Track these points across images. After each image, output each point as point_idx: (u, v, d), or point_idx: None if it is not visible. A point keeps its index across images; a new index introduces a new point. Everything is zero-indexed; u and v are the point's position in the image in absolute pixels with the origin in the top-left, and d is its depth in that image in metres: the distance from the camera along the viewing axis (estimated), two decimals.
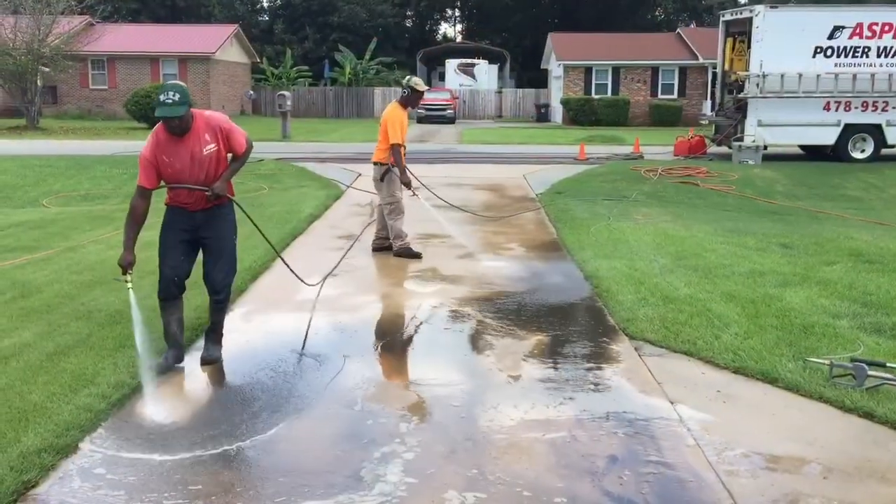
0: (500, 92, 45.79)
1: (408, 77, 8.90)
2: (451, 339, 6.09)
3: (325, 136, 28.92)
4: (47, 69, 31.38)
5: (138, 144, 5.29)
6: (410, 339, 6.20)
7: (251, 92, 44.13)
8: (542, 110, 41.54)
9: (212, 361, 5.38)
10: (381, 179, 8.70)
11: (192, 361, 5.41)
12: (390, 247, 8.81)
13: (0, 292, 6.82)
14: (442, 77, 47.80)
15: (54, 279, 7.29)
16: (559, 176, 16.05)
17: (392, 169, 8.60)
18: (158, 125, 5.08)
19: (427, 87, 8.67)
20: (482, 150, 23.40)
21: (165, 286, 5.29)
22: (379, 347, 5.81)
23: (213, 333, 5.51)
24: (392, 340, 6.02)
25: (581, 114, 36.31)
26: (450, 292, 7.32)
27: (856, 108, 18.72)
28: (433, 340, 6.13)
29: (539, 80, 46.56)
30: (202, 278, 5.42)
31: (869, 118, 18.80)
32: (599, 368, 5.37)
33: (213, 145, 5.14)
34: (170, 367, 5.24)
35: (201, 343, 5.57)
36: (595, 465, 3.95)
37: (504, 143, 26.43)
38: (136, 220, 5.10)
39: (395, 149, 8.48)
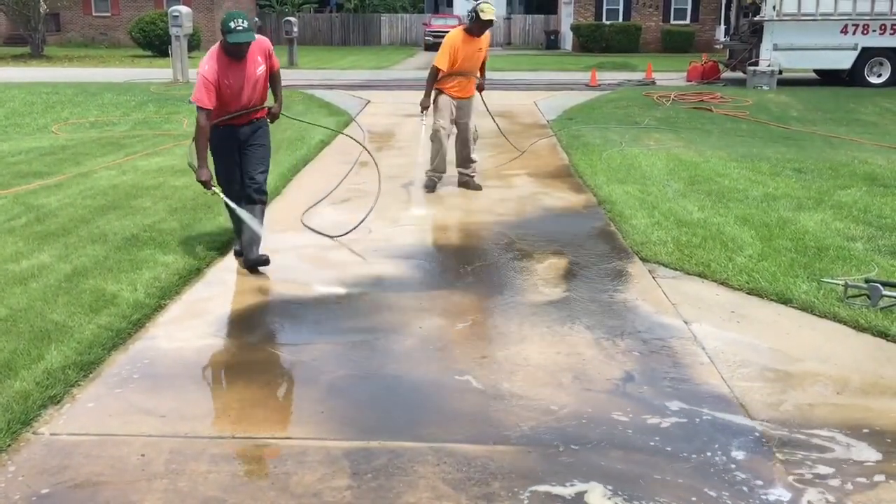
0: (508, 18, 44.93)
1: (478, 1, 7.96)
2: (464, 262, 6.11)
3: (333, 64, 28.59)
4: None
5: (144, 72, 5.29)
6: (424, 261, 6.22)
7: (256, 18, 43.39)
8: (552, 37, 40.78)
9: (267, 261, 5.68)
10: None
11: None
12: (467, 184, 8.43)
13: (15, 216, 6.86)
14: (450, 3, 46.93)
15: (68, 204, 7.31)
16: (570, 102, 15.87)
17: (441, 95, 8.13)
18: (216, 50, 5.39)
19: (493, 17, 7.81)
20: (492, 77, 22.93)
21: (236, 199, 5.69)
22: (391, 270, 5.83)
23: (258, 239, 5.70)
24: (404, 263, 6.04)
25: (591, 40, 35.67)
26: (463, 217, 7.33)
27: (874, 31, 18.35)
28: (446, 264, 6.17)
29: (548, 5, 45.62)
30: (244, 180, 5.71)
31: (887, 41, 18.46)
32: (614, 290, 5.39)
33: (262, 66, 5.59)
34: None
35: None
36: (611, 382, 4.00)
37: (514, 69, 26.05)
38: (206, 139, 5.43)
39: (430, 69, 8.08)
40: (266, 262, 5.65)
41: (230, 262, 5.95)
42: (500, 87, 19.52)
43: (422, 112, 8.23)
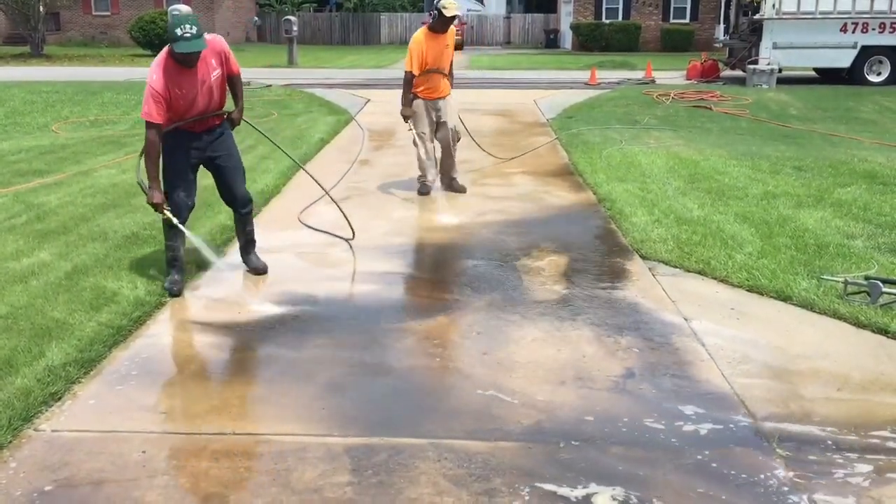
0: (508, 17, 44.95)
1: None
2: (464, 259, 6.11)
3: (332, 63, 28.60)
4: None
5: (144, 71, 5.20)
6: (423, 259, 6.23)
7: (256, 18, 43.42)
8: (552, 36, 40.80)
9: (265, 269, 5.59)
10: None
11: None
12: (450, 185, 8.24)
13: (16, 215, 6.86)
14: None
15: (68, 202, 7.32)
16: (570, 101, 15.88)
17: (415, 99, 7.90)
18: (164, 56, 4.84)
19: (457, 13, 7.68)
20: (491, 75, 23.12)
21: (178, 210, 5.16)
22: (390, 268, 5.83)
23: (252, 244, 5.66)
24: (403, 261, 6.05)
25: (591, 39, 35.70)
26: (464, 216, 7.33)
27: (873, 29, 18.37)
28: (446, 262, 6.17)
29: (548, 4, 45.62)
30: (223, 197, 5.51)
31: (886, 40, 18.48)
32: (614, 288, 5.39)
33: (218, 70, 5.06)
34: (178, 293, 5.15)
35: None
36: (612, 379, 4.01)
37: (513, 68, 26.08)
38: (157, 156, 4.94)
39: (404, 75, 7.87)
40: (264, 270, 5.58)
41: (230, 259, 5.95)
42: (500, 86, 19.58)
43: (406, 121, 8.01)
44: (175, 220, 5.09)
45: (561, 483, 3.10)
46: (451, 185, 8.30)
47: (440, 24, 7.65)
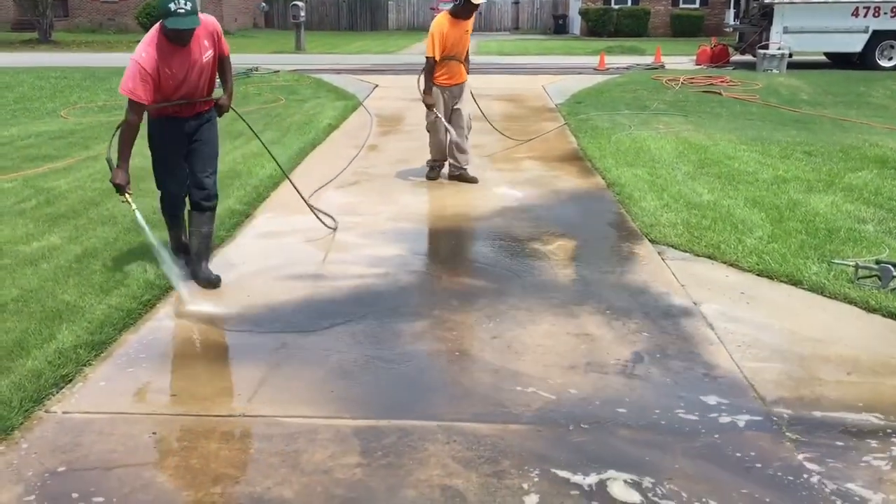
0: (516, 2, 44.73)
1: None
2: (473, 244, 6.11)
3: (340, 49, 28.54)
4: None
5: None
6: (436, 244, 6.22)
7: (264, 4, 43.30)
8: (560, 21, 40.61)
9: (218, 282, 5.07)
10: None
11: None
12: (461, 176, 8.05)
13: (25, 199, 6.88)
14: None
15: (77, 186, 7.34)
16: (579, 86, 15.80)
17: (432, 87, 7.79)
18: (155, 33, 4.62)
19: (484, 0, 7.46)
20: (500, 61, 23.01)
21: (174, 202, 5.14)
22: (399, 252, 5.83)
23: (206, 251, 5.20)
24: (412, 245, 6.04)
25: (600, 25, 35.50)
26: (472, 200, 7.32)
27: (885, 13, 18.19)
28: (454, 246, 6.17)
29: None
30: (189, 186, 5.15)
31: None
32: (623, 272, 5.37)
33: (210, 51, 4.84)
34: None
35: None
36: (621, 363, 4.00)
37: (522, 53, 25.96)
38: (133, 137, 4.70)
39: (426, 62, 7.71)
40: (216, 283, 5.04)
41: (239, 243, 5.96)
42: (509, 72, 19.50)
43: (430, 109, 7.85)
44: (134, 207, 4.79)
45: (571, 466, 3.11)
46: (460, 177, 8.08)
47: (464, 11, 7.53)
